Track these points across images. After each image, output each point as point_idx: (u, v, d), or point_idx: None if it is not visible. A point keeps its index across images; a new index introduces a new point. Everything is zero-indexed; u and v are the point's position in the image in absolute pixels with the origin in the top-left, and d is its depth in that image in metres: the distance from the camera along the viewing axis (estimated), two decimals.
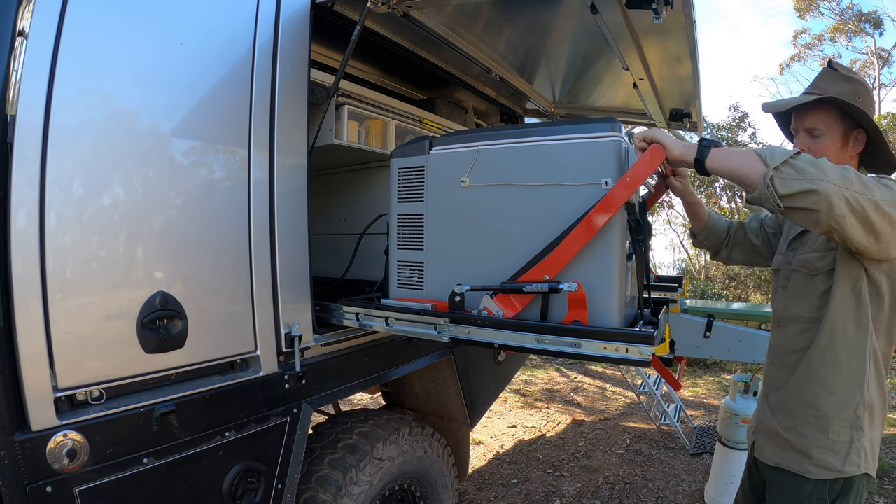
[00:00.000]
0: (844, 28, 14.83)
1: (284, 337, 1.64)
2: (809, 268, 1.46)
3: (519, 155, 1.52)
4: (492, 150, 1.55)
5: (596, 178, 1.41)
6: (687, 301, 5.86)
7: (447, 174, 1.61)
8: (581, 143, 1.44)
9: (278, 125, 1.63)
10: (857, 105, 1.39)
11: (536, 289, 1.42)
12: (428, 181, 1.66)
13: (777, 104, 1.52)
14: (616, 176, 1.39)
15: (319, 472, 1.85)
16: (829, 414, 1.37)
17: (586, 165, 1.42)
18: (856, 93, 1.43)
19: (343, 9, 1.91)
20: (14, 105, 1.13)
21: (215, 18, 1.49)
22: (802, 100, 1.45)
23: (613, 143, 1.41)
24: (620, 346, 1.29)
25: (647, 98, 2.54)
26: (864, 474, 1.38)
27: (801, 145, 1.48)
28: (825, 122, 1.44)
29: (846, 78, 1.46)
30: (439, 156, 1.64)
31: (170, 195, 1.38)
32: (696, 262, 13.41)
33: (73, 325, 1.21)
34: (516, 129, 1.55)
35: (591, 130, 1.43)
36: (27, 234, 1.14)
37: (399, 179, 1.74)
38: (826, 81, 1.47)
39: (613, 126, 1.42)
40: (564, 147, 1.46)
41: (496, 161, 1.54)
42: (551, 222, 1.44)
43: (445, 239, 1.63)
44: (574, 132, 1.46)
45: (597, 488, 3.48)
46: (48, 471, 1.17)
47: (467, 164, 1.57)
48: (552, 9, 1.97)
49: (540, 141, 1.49)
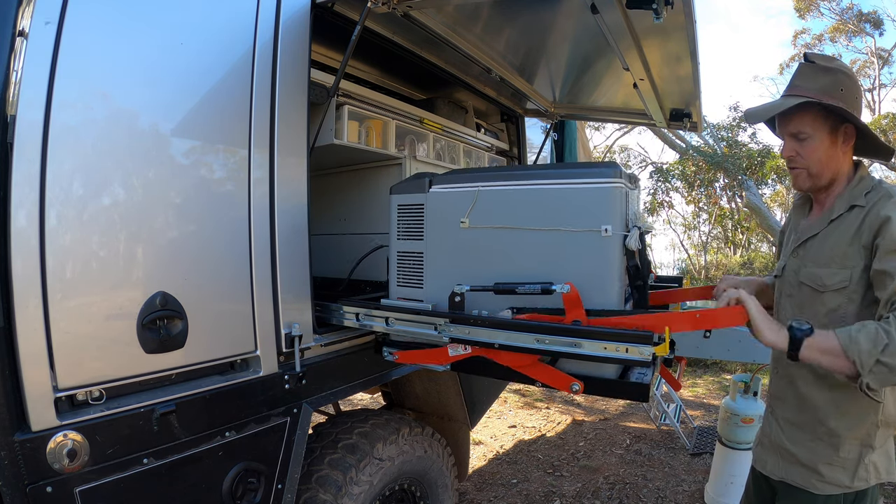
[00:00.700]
0: (844, 28, 14.82)
1: (284, 337, 1.64)
2: (818, 284, 1.38)
3: (519, 198, 1.51)
4: (492, 191, 1.55)
5: (596, 224, 1.40)
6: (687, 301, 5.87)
7: (447, 213, 1.61)
8: (582, 188, 1.43)
9: (278, 125, 1.63)
10: (838, 103, 1.33)
11: (529, 290, 1.42)
12: (427, 220, 1.66)
13: (759, 112, 1.47)
14: (617, 223, 1.38)
15: (319, 472, 1.85)
16: (841, 434, 1.33)
17: (587, 211, 1.41)
18: (837, 84, 1.36)
19: (343, 9, 1.91)
20: (14, 105, 1.13)
21: (215, 18, 1.49)
22: (782, 106, 1.38)
23: (615, 190, 1.40)
24: (620, 346, 1.29)
25: (648, 98, 2.53)
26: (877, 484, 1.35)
27: (789, 151, 1.43)
28: (810, 124, 1.38)
29: (825, 70, 1.38)
30: (439, 195, 1.64)
31: (170, 195, 1.38)
32: (696, 263, 13.41)
33: (73, 325, 1.21)
34: (517, 172, 1.55)
35: (593, 176, 1.42)
36: (27, 234, 1.14)
37: (399, 216, 1.74)
38: (805, 78, 1.40)
39: (615, 172, 1.41)
40: (565, 192, 1.45)
41: (496, 203, 1.54)
42: (551, 266, 1.44)
43: (445, 279, 1.63)
44: (575, 177, 1.45)
45: (597, 488, 3.47)
46: (48, 471, 1.17)
47: (467, 205, 1.57)
48: (552, 9, 1.96)
49: (540, 185, 1.49)
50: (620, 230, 1.41)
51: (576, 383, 1.42)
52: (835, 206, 1.41)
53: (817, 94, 1.35)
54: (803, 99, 1.35)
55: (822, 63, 1.40)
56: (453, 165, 2.74)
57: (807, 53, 1.45)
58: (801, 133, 1.40)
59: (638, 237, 1.44)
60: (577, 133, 4.73)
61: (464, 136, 2.92)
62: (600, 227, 1.39)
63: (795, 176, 1.46)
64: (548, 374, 1.46)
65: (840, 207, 1.39)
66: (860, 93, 1.42)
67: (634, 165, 15.80)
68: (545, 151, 3.89)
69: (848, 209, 1.37)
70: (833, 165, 1.40)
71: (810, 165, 1.41)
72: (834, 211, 1.40)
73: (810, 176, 1.42)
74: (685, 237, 14.89)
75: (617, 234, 1.40)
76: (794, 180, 1.48)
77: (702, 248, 14.20)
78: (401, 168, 2.40)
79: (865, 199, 1.35)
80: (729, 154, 11.01)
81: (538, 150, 3.70)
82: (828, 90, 1.35)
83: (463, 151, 2.88)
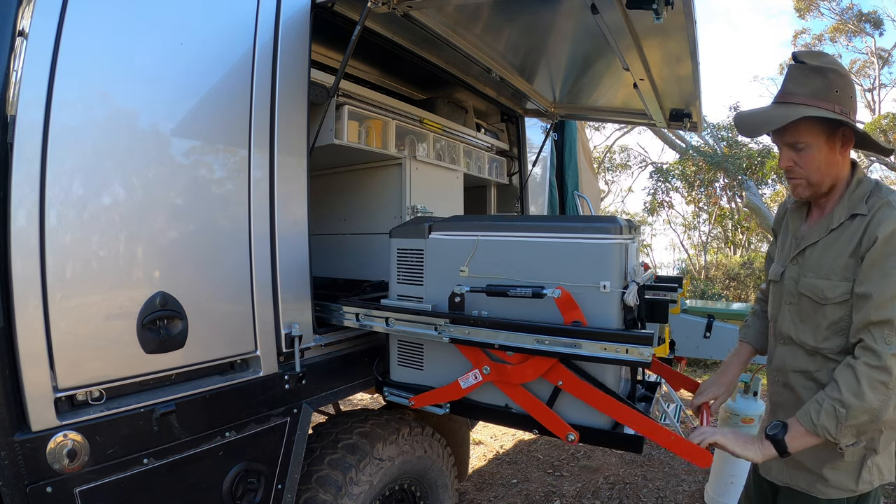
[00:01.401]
0: (844, 28, 14.82)
1: (284, 337, 1.64)
2: (819, 296, 1.35)
3: (518, 249, 1.51)
4: (491, 241, 1.55)
5: (595, 280, 1.40)
6: (687, 301, 5.87)
7: (446, 260, 1.61)
8: (581, 243, 1.43)
9: (278, 125, 1.62)
10: (834, 107, 1.29)
11: (520, 293, 1.43)
12: (427, 265, 1.67)
13: (752, 124, 1.42)
14: (615, 280, 1.38)
15: (319, 472, 1.85)
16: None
17: (586, 267, 1.41)
18: (831, 86, 1.31)
19: (343, 9, 1.91)
20: (14, 105, 1.13)
21: (216, 18, 1.49)
22: (780, 121, 1.31)
23: (614, 247, 1.40)
24: (620, 347, 1.29)
25: (648, 98, 2.53)
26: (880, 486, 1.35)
27: (787, 161, 1.38)
28: (808, 133, 1.32)
29: (817, 70, 1.32)
30: (438, 241, 1.65)
31: (170, 195, 1.38)
32: (696, 262, 13.42)
33: (73, 325, 1.21)
34: (517, 223, 1.55)
35: (593, 231, 1.42)
36: (27, 234, 1.14)
37: (398, 260, 1.74)
38: (797, 82, 1.34)
39: (614, 227, 1.40)
40: (564, 246, 1.45)
41: (495, 252, 1.54)
42: (549, 318, 1.44)
43: None
44: (575, 231, 1.44)
45: (597, 488, 3.47)
46: (48, 471, 1.17)
47: (466, 252, 1.58)
48: (552, 9, 1.96)
49: (540, 238, 1.49)
50: (619, 287, 1.41)
51: (572, 433, 1.45)
52: (834, 212, 1.38)
53: (811, 99, 1.31)
54: (799, 111, 1.29)
55: (812, 63, 1.34)
56: (453, 165, 2.75)
57: (795, 53, 1.39)
58: (798, 143, 1.35)
59: (636, 293, 1.44)
60: (577, 133, 4.73)
61: (464, 136, 2.92)
62: (599, 283, 1.39)
63: (795, 186, 1.41)
64: (549, 419, 1.47)
65: (840, 215, 1.35)
66: (853, 90, 1.37)
67: (634, 165, 15.80)
68: (545, 151, 3.89)
69: (849, 217, 1.33)
70: (833, 172, 1.36)
71: (810, 175, 1.36)
72: (834, 219, 1.37)
73: (810, 185, 1.38)
74: (685, 237, 14.91)
75: (615, 291, 1.40)
76: (793, 190, 1.44)
77: (702, 248, 14.21)
78: (401, 168, 2.40)
79: (866, 205, 1.32)
80: (729, 154, 11.02)
81: (538, 150, 3.70)
82: (822, 94, 1.31)
83: (463, 151, 2.88)
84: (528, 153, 3.52)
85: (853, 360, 1.24)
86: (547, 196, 4.09)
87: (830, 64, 1.34)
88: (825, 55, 1.39)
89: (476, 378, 1.54)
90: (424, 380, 1.75)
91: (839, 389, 1.22)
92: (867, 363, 1.20)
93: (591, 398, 1.41)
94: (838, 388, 1.23)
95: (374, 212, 2.49)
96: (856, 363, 1.22)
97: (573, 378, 1.42)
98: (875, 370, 1.19)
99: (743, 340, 1.72)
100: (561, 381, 1.44)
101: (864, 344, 1.23)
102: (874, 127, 12.86)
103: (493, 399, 1.60)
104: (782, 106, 1.35)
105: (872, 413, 1.20)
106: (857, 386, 1.20)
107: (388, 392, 1.80)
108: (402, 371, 1.81)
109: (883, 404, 1.19)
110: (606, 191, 16.15)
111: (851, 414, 1.20)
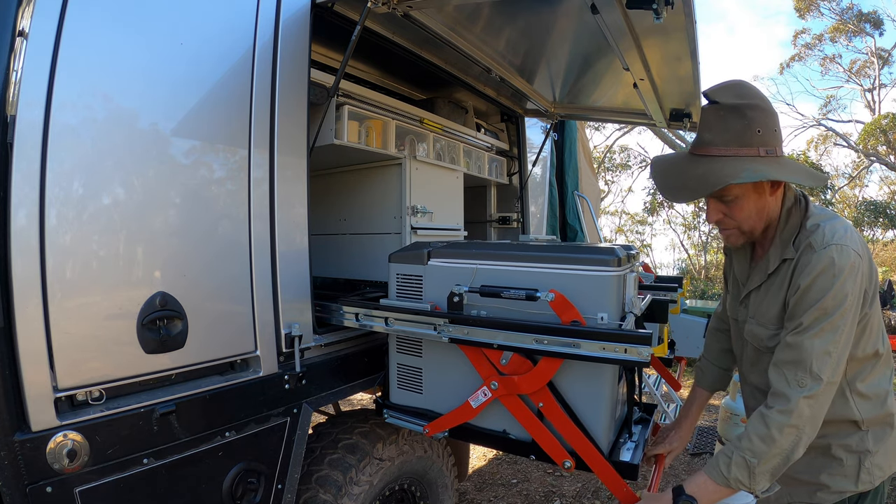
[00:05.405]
0: (844, 28, 14.83)
1: (284, 337, 1.64)
2: (759, 343, 1.37)
3: (516, 279, 1.51)
4: (490, 269, 1.56)
5: (592, 311, 1.40)
6: (687, 301, 5.87)
7: (445, 287, 1.61)
8: (580, 275, 1.43)
9: (278, 125, 1.62)
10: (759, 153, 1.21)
11: (514, 295, 1.43)
12: (426, 291, 1.68)
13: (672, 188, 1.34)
14: (613, 311, 1.38)
15: (319, 472, 1.85)
16: (832, 443, 1.33)
17: (584, 298, 1.41)
18: (751, 125, 1.22)
19: (343, 9, 1.91)
20: (14, 105, 1.13)
21: (216, 18, 1.49)
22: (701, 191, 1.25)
23: (612, 279, 1.39)
24: (619, 347, 1.29)
25: (648, 98, 2.53)
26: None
27: (716, 215, 1.32)
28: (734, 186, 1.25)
29: (733, 110, 1.23)
30: (437, 268, 1.66)
31: (170, 195, 1.38)
32: (696, 263, 13.42)
33: (73, 325, 1.21)
34: (515, 252, 1.55)
35: (592, 263, 1.42)
36: (27, 233, 1.14)
37: (398, 285, 1.75)
38: (713, 130, 1.26)
39: (614, 259, 1.40)
40: (562, 277, 1.45)
41: (494, 281, 1.54)
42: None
43: (443, 351, 1.66)
44: (574, 262, 1.44)
45: (597, 488, 3.47)
46: (48, 471, 1.17)
47: (464, 279, 1.58)
48: (552, 9, 1.96)
49: (538, 268, 1.49)
50: (616, 318, 1.41)
51: (567, 460, 1.45)
52: (770, 254, 1.35)
53: (733, 147, 1.23)
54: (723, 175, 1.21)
55: (727, 101, 1.25)
56: (453, 165, 2.75)
57: (706, 93, 1.29)
58: (725, 196, 1.29)
59: (633, 324, 1.45)
60: (577, 133, 4.73)
61: (464, 136, 2.92)
62: (596, 315, 1.39)
63: (727, 237, 1.38)
64: (548, 442, 1.47)
65: (775, 258, 1.33)
66: (776, 119, 1.27)
67: (634, 165, 15.81)
68: (545, 151, 3.89)
69: (782, 261, 1.32)
70: (764, 215, 1.32)
71: (741, 224, 1.33)
72: (770, 263, 1.34)
73: (743, 233, 1.35)
74: (685, 237, 14.91)
75: (613, 323, 1.40)
76: (726, 240, 1.42)
77: (702, 248, 14.21)
78: (401, 168, 2.40)
79: (793, 247, 1.29)
80: None
81: (538, 150, 3.70)
82: (743, 138, 1.23)
83: (463, 151, 2.88)
84: (528, 153, 3.52)
85: (765, 409, 1.24)
86: (547, 196, 4.10)
87: (747, 98, 1.25)
88: (740, 86, 1.28)
89: (486, 395, 1.54)
90: (424, 403, 1.76)
91: (750, 439, 1.23)
92: (779, 410, 1.20)
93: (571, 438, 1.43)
94: (749, 438, 1.23)
95: (375, 212, 2.49)
96: (767, 412, 1.22)
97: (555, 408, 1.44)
98: (785, 414, 1.19)
99: (699, 386, 1.72)
100: (542, 403, 1.46)
101: (774, 390, 1.24)
102: (874, 127, 12.85)
103: (492, 424, 1.62)
104: (703, 161, 1.27)
105: (784, 455, 1.20)
106: (767, 432, 1.20)
107: (388, 414, 1.82)
108: (401, 394, 1.82)
109: (794, 445, 1.20)
110: (606, 191, 16.15)
111: (764, 460, 1.20)
